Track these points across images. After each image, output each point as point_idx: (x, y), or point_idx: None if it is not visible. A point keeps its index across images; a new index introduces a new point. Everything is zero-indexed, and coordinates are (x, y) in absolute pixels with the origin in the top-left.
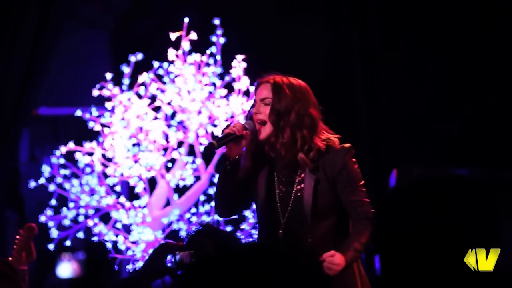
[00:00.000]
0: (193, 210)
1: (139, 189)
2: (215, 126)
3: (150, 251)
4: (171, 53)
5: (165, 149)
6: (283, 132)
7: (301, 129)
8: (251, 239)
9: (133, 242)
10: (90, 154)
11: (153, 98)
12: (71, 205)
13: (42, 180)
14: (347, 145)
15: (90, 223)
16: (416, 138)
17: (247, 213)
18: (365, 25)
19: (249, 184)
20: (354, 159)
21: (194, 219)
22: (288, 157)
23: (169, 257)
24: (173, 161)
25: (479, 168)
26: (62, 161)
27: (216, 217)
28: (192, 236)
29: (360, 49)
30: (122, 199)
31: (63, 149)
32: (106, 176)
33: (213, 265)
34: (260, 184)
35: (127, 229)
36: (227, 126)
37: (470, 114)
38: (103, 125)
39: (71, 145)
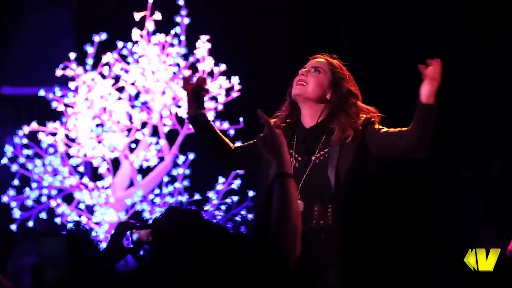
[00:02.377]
0: (157, 191)
1: (102, 169)
2: (179, 107)
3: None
4: (135, 33)
5: (129, 130)
6: (339, 114)
7: (350, 107)
8: (214, 221)
9: (96, 223)
10: (53, 134)
11: (117, 79)
12: (34, 185)
13: (4, 160)
14: (368, 116)
15: (53, 203)
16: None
17: (211, 194)
18: (333, 3)
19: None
20: (375, 124)
21: (157, 200)
22: (339, 134)
23: (127, 236)
24: (136, 142)
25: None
26: (25, 141)
27: (180, 198)
28: (155, 217)
29: (328, 30)
30: (86, 179)
31: (26, 129)
32: (69, 156)
33: (172, 246)
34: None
35: (90, 209)
36: None
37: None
38: (66, 105)
39: (34, 125)
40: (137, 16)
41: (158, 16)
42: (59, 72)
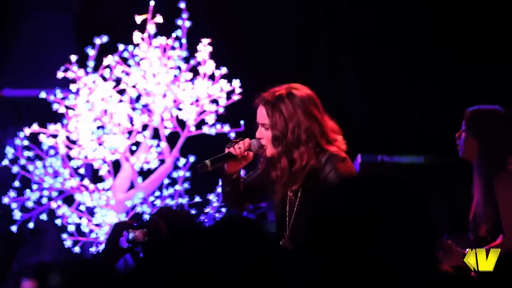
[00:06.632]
0: (157, 193)
1: (103, 171)
2: (180, 109)
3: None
4: (137, 36)
5: (130, 132)
6: (280, 157)
7: (298, 147)
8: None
9: (97, 225)
10: (54, 136)
11: (118, 81)
12: (35, 187)
13: (5, 162)
14: (332, 151)
15: (53, 205)
16: (379, 126)
17: (211, 196)
18: (332, 6)
19: (261, 185)
20: (339, 165)
21: (158, 202)
22: (287, 178)
23: (123, 236)
24: (137, 144)
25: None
26: (26, 142)
27: (180, 200)
28: (150, 217)
29: (327, 33)
30: (86, 181)
31: (27, 131)
32: (70, 158)
33: (167, 246)
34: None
35: (90, 211)
36: (232, 144)
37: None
38: (67, 107)
39: (35, 127)
40: (139, 19)
41: (159, 19)
42: (60, 74)
